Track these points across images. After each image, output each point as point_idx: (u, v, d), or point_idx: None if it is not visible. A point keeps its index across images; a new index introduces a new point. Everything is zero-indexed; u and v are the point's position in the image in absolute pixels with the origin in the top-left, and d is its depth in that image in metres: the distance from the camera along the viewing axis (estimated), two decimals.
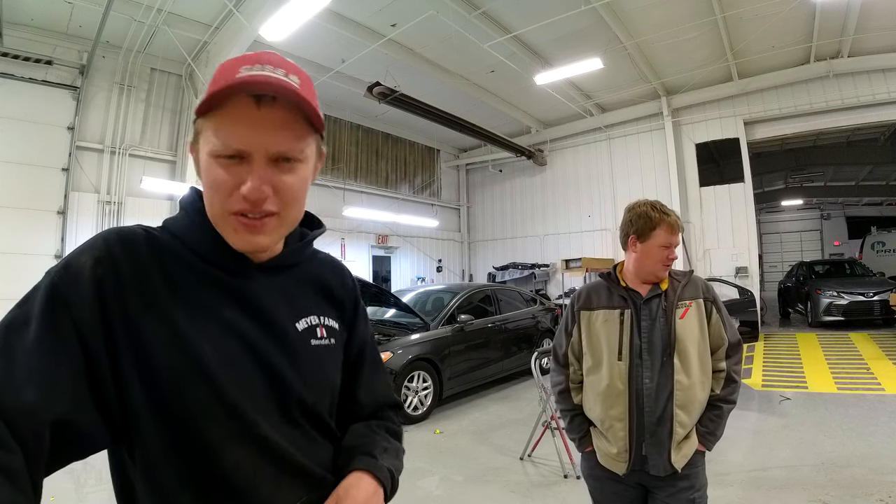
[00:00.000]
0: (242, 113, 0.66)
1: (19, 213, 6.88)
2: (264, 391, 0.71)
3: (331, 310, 0.85)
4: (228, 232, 0.70)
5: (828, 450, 3.83)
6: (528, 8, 7.46)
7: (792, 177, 16.20)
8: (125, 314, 0.63)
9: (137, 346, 0.63)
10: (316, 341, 0.79)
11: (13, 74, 6.96)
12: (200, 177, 0.72)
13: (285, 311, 0.77)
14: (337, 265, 0.95)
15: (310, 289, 0.84)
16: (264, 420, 0.69)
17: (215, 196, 0.68)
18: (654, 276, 1.69)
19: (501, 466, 3.90)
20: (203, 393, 0.65)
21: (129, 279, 0.65)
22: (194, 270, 0.71)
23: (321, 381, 0.79)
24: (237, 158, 0.66)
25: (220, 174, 0.67)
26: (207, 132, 0.68)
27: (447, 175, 14.81)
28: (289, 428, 0.73)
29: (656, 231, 1.64)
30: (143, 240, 0.70)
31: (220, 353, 0.67)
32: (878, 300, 9.04)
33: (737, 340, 1.68)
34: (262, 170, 0.67)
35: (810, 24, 7.98)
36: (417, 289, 7.69)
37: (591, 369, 1.71)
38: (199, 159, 0.72)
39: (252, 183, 0.66)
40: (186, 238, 0.73)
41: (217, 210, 0.69)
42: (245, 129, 0.66)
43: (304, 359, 0.76)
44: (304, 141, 0.71)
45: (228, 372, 0.67)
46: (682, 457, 1.57)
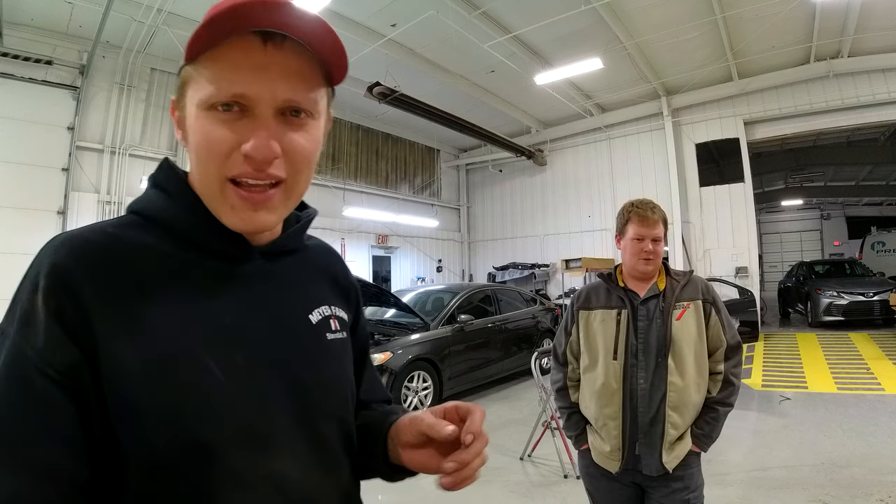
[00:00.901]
0: (245, 53, 0.53)
1: (19, 213, 6.87)
2: (284, 408, 0.58)
3: (338, 299, 0.74)
4: (224, 209, 0.57)
5: (828, 450, 3.83)
6: (528, 8, 7.46)
7: (792, 177, 16.20)
8: (96, 344, 0.49)
9: (119, 378, 0.50)
10: (332, 335, 0.68)
11: (13, 74, 6.96)
12: (185, 141, 0.58)
13: (297, 303, 0.66)
14: (334, 252, 0.82)
15: (318, 275, 0.73)
16: (282, 449, 0.57)
17: (208, 160, 0.55)
18: (637, 272, 1.71)
19: (501, 466, 3.90)
20: (207, 427, 0.52)
21: (94, 300, 0.50)
22: (180, 264, 0.57)
23: (342, 385, 0.68)
24: (236, 110, 0.54)
25: (214, 130, 0.54)
26: (198, 80, 0.55)
27: (447, 175, 14.81)
28: (314, 455, 0.60)
29: (628, 225, 1.70)
30: (103, 245, 0.54)
31: (225, 371, 0.54)
32: (878, 300, 9.04)
33: (736, 342, 1.67)
34: (268, 123, 0.54)
35: (810, 24, 7.98)
36: (417, 289, 7.69)
37: (588, 368, 1.73)
38: (184, 118, 0.58)
39: (257, 139, 0.53)
40: (166, 221, 0.58)
41: (210, 178, 0.56)
42: (248, 72, 0.53)
43: (324, 359, 0.65)
44: (317, 91, 0.58)
45: (236, 394, 0.55)
46: (674, 457, 1.58)
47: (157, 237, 0.57)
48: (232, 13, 0.51)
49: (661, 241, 1.69)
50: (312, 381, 0.62)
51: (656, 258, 1.68)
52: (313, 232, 0.79)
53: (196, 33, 0.52)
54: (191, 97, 0.56)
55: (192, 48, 0.54)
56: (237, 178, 0.55)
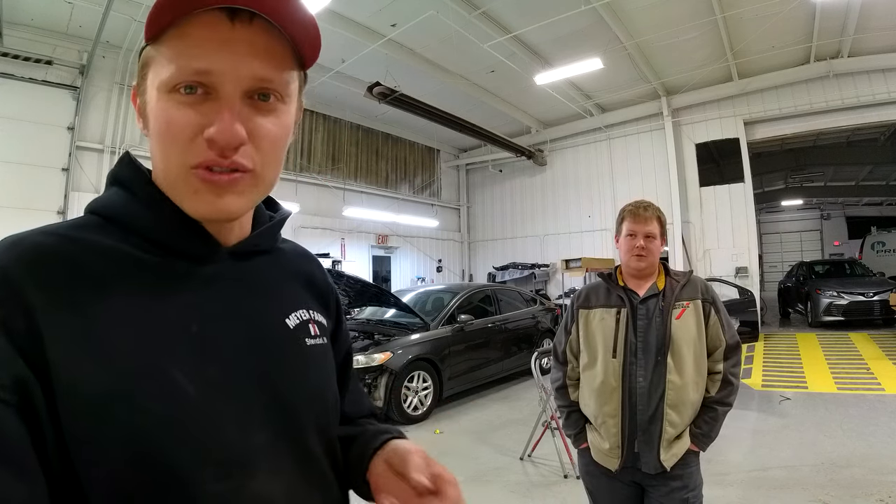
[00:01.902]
0: (210, 30, 0.49)
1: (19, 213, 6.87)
2: (262, 422, 0.54)
3: (316, 304, 0.68)
4: (186, 194, 0.52)
5: (828, 450, 3.83)
6: (528, 8, 7.46)
7: (792, 177, 16.20)
8: (47, 361, 0.44)
9: (75, 398, 0.44)
10: (311, 340, 0.63)
11: (13, 74, 6.96)
12: (147, 129, 0.54)
13: (272, 306, 0.61)
14: (310, 255, 0.76)
15: (293, 277, 0.68)
16: (263, 468, 0.52)
17: (170, 146, 0.50)
18: (631, 269, 1.73)
19: (501, 466, 3.90)
20: (174, 448, 0.46)
21: (44, 311, 0.44)
22: (142, 267, 0.52)
23: (325, 394, 0.63)
24: (200, 93, 0.49)
25: (176, 114, 0.49)
26: (160, 60, 0.50)
27: (447, 175, 14.81)
28: (297, 471, 0.56)
29: (623, 223, 1.74)
30: (55, 248, 0.48)
31: (196, 385, 0.49)
32: (878, 300, 9.04)
33: (735, 342, 1.68)
34: (233, 105, 0.50)
35: (810, 24, 7.98)
36: (417, 289, 7.69)
37: (587, 366, 1.75)
38: (145, 104, 0.53)
39: (221, 122, 0.49)
40: (127, 220, 0.54)
41: (172, 166, 0.51)
42: (213, 48, 0.49)
43: (303, 366, 0.61)
44: (288, 73, 0.54)
45: (209, 411, 0.49)
46: (671, 456, 1.59)
47: (117, 238, 0.52)
48: None
49: (655, 239, 1.70)
50: (293, 391, 0.58)
51: (649, 255, 1.69)
52: (313, 233, 0.76)
53: (157, 7, 0.48)
54: (152, 80, 0.52)
55: (152, 25, 0.49)
56: (200, 165, 0.50)
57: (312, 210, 10.56)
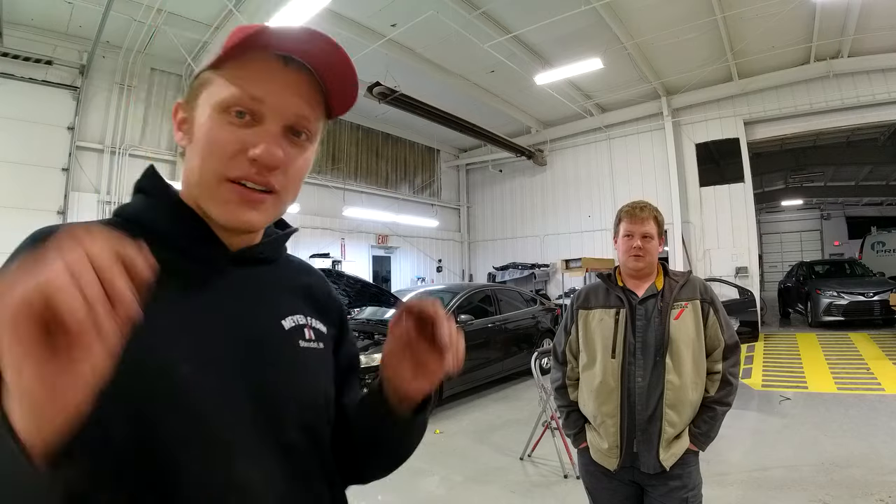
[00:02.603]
0: (268, 69, 0.58)
1: (19, 213, 6.86)
2: (250, 413, 0.58)
3: (315, 313, 0.72)
4: (217, 203, 0.59)
5: (828, 450, 3.83)
6: (528, 8, 7.46)
7: (792, 177, 16.20)
8: None
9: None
10: (305, 343, 0.67)
11: (13, 74, 6.96)
12: (187, 139, 0.60)
13: (268, 308, 0.66)
14: (312, 269, 0.81)
15: (291, 289, 0.73)
16: (247, 455, 0.56)
17: (212, 158, 0.57)
18: (629, 269, 1.74)
19: (501, 466, 3.90)
20: (167, 419, 0.52)
21: None
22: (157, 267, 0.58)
23: (314, 391, 0.66)
24: (248, 119, 0.57)
25: (223, 132, 0.57)
26: (217, 83, 0.58)
27: (447, 175, 14.81)
28: (282, 461, 0.60)
29: (620, 224, 1.75)
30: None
31: (190, 371, 0.54)
32: (878, 300, 9.03)
33: (734, 342, 1.68)
34: (276, 135, 0.58)
35: (810, 24, 7.98)
36: (417, 289, 7.69)
37: (586, 366, 1.76)
38: (191, 119, 0.60)
39: (267, 145, 0.57)
40: (148, 223, 0.61)
41: (209, 176, 0.58)
42: (267, 84, 0.58)
43: (293, 363, 0.64)
44: (320, 119, 0.63)
45: (200, 397, 0.54)
46: (671, 455, 1.59)
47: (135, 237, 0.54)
48: (264, 36, 0.56)
49: (652, 239, 1.70)
50: (280, 386, 0.61)
51: (647, 255, 1.69)
52: (313, 233, 0.79)
53: (232, 42, 0.56)
54: (206, 98, 0.59)
55: (222, 55, 0.57)
56: (237, 179, 0.58)
57: (312, 210, 10.56)
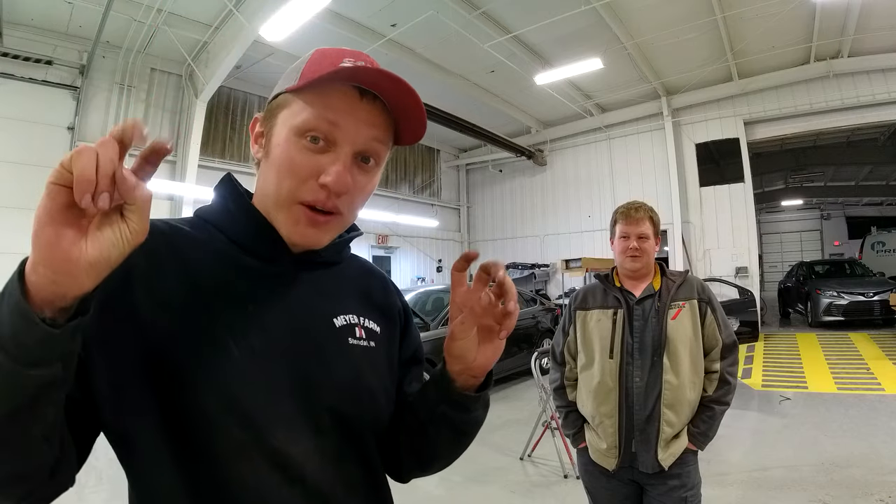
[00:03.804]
0: (345, 97, 0.61)
1: (19, 213, 6.86)
2: (289, 393, 0.62)
3: (372, 314, 0.76)
4: (287, 222, 0.64)
5: (828, 450, 3.83)
6: (528, 8, 7.46)
7: (792, 177, 16.20)
8: (132, 312, 0.57)
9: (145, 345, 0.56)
10: (354, 340, 0.70)
11: (13, 74, 6.96)
12: (264, 155, 0.65)
13: (323, 307, 0.70)
14: (379, 275, 0.86)
15: (350, 290, 0.76)
16: (282, 429, 0.61)
17: (287, 179, 0.62)
18: (626, 270, 1.74)
19: (501, 466, 3.90)
20: (215, 395, 0.57)
21: (141, 275, 0.58)
22: (223, 260, 0.65)
23: (355, 385, 0.69)
24: (322, 144, 0.61)
25: (300, 156, 0.61)
26: (296, 106, 0.62)
27: (447, 175, 14.81)
28: (314, 441, 0.63)
29: (616, 225, 1.76)
30: (159, 232, 0.62)
31: (241, 350, 0.60)
32: (878, 300, 9.04)
33: (732, 342, 1.69)
34: (347, 162, 0.62)
35: (810, 24, 7.98)
36: (417, 289, 7.69)
37: (585, 366, 1.76)
38: (269, 136, 0.65)
39: (338, 173, 0.61)
40: (221, 223, 0.68)
41: (283, 195, 0.62)
42: (343, 112, 0.61)
43: (337, 357, 0.68)
44: (388, 146, 0.67)
45: (247, 372, 0.60)
46: (669, 455, 1.60)
47: (208, 234, 0.67)
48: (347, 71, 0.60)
49: (648, 239, 1.70)
50: (323, 378, 0.65)
51: (644, 255, 1.69)
52: None
53: (314, 72, 0.62)
54: (285, 118, 0.63)
55: (304, 80, 0.62)
56: (307, 203, 0.62)
57: None
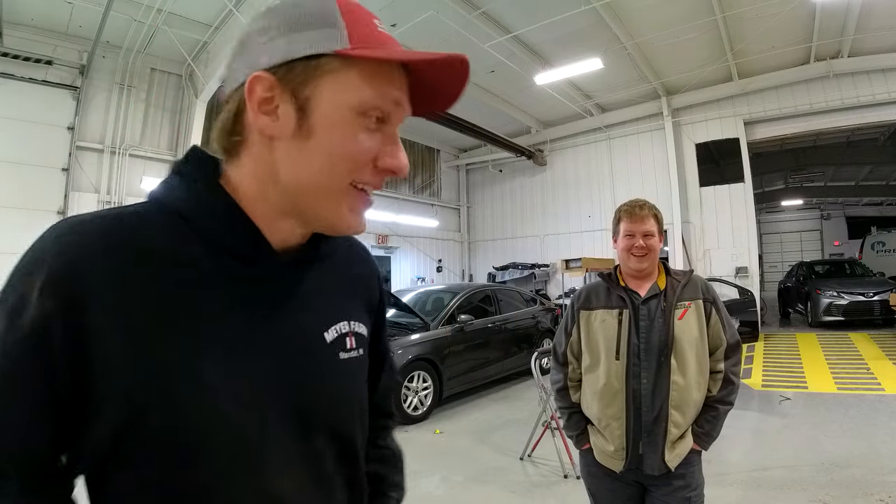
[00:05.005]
0: (399, 75, 0.56)
1: (19, 213, 6.86)
2: (285, 431, 0.57)
3: (360, 312, 0.71)
4: (341, 209, 0.56)
5: (828, 450, 3.83)
6: (528, 8, 7.46)
7: (792, 177, 16.20)
8: (101, 345, 0.48)
9: (117, 380, 0.48)
10: (345, 354, 0.65)
11: (13, 74, 6.95)
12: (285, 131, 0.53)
13: (312, 319, 0.63)
14: (367, 256, 0.79)
15: (339, 286, 0.69)
16: (283, 474, 0.56)
17: (345, 164, 0.54)
18: (631, 269, 1.71)
19: (501, 466, 3.90)
20: (199, 440, 0.52)
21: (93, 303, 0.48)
22: (196, 265, 0.54)
23: (349, 402, 0.66)
24: (375, 125, 0.55)
25: (366, 139, 0.54)
26: (352, 75, 0.52)
27: (447, 175, 14.80)
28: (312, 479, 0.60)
29: (620, 223, 1.73)
30: (116, 239, 0.51)
31: (228, 385, 0.53)
32: (878, 300, 9.04)
33: (735, 341, 1.68)
34: (398, 139, 0.58)
35: (810, 24, 7.98)
36: (417, 289, 7.69)
37: (589, 368, 1.73)
38: (306, 108, 0.53)
39: (403, 158, 0.57)
40: (192, 215, 0.55)
41: (336, 179, 0.54)
42: (399, 89, 0.56)
43: (334, 380, 0.64)
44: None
45: (238, 411, 0.53)
46: (675, 456, 1.59)
47: (180, 229, 0.55)
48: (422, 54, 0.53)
49: (653, 237, 1.68)
50: (317, 404, 0.61)
51: (650, 253, 1.67)
52: None
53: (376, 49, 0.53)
54: (336, 91, 0.53)
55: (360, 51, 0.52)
56: (360, 184, 0.56)
57: None
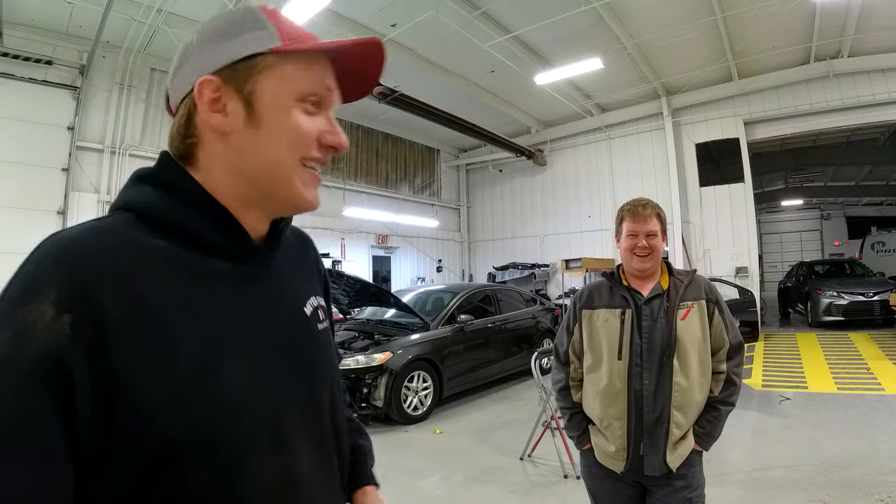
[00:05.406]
0: (328, 64, 0.64)
1: (19, 213, 6.87)
2: (298, 408, 0.64)
3: (317, 288, 0.78)
4: (295, 186, 0.63)
5: (828, 450, 3.83)
6: (528, 8, 7.46)
7: (792, 177, 16.20)
8: (116, 370, 0.48)
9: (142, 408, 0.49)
10: (320, 325, 0.72)
11: (13, 74, 6.95)
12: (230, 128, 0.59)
13: (294, 297, 0.70)
14: (308, 239, 0.85)
15: (298, 267, 0.77)
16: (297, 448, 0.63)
17: (293, 144, 0.61)
18: (634, 269, 1.70)
19: (501, 466, 3.90)
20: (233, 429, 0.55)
21: (112, 315, 0.49)
22: (186, 266, 0.57)
23: (333, 368, 0.74)
24: (313, 108, 0.63)
25: (306, 120, 0.61)
26: (289, 69, 0.60)
27: (447, 175, 14.80)
28: (317, 451, 0.66)
29: (623, 223, 1.72)
30: (111, 247, 0.52)
31: (247, 373, 0.58)
32: (878, 300, 9.03)
33: (738, 342, 1.67)
34: (334, 118, 0.65)
35: (810, 24, 7.98)
36: (417, 289, 7.69)
37: (591, 368, 1.72)
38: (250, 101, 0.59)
39: (341, 134, 0.64)
40: (170, 218, 0.58)
41: (286, 159, 0.61)
42: (329, 76, 0.64)
43: (319, 351, 0.70)
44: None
45: (262, 395, 0.59)
46: (677, 457, 1.58)
47: (158, 237, 0.56)
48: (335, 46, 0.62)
49: (656, 237, 1.67)
50: (315, 377, 0.67)
51: (653, 253, 1.66)
52: (312, 232, 0.82)
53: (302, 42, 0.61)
54: (278, 82, 0.60)
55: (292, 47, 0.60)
56: (309, 161, 0.63)
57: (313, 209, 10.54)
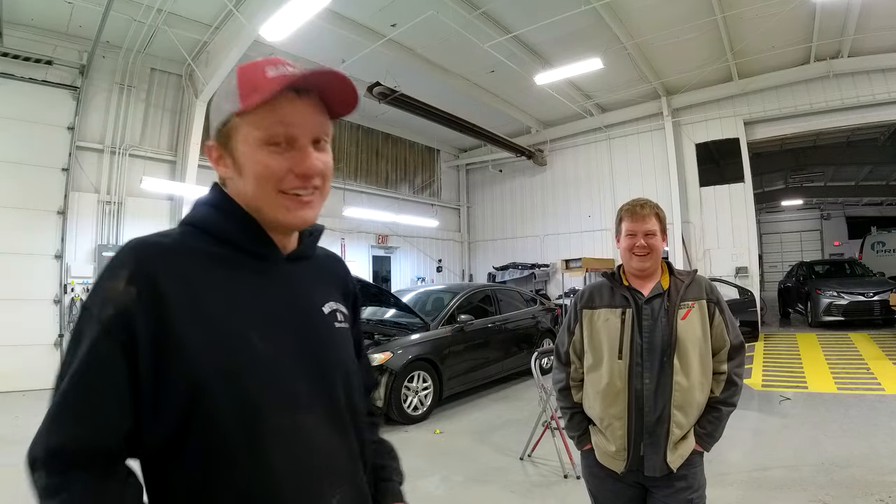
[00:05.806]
0: (289, 105, 0.73)
1: (19, 213, 6.86)
2: (310, 377, 0.76)
3: (342, 299, 0.93)
4: (279, 211, 0.75)
5: (828, 450, 3.84)
6: (528, 8, 7.46)
7: (792, 177, 16.20)
8: (167, 327, 0.66)
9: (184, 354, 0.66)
10: (338, 324, 0.87)
11: (13, 74, 6.95)
12: (235, 171, 0.76)
13: (313, 296, 0.85)
14: (341, 261, 1.03)
15: (325, 279, 0.92)
16: (311, 409, 0.75)
17: (268, 181, 0.74)
18: (633, 269, 1.70)
19: (501, 466, 3.90)
20: (257, 388, 0.70)
21: (166, 290, 0.67)
22: (227, 263, 0.75)
23: (348, 360, 0.86)
24: (284, 145, 0.73)
25: (272, 160, 0.73)
26: (247, 128, 0.73)
27: (447, 175, 14.80)
28: (328, 415, 0.77)
29: (622, 223, 1.72)
30: (171, 246, 0.73)
31: (268, 344, 0.72)
32: (878, 300, 9.03)
33: (739, 342, 1.67)
34: (309, 150, 0.75)
35: (810, 24, 7.98)
36: (417, 289, 7.69)
37: (592, 367, 1.72)
38: (234, 156, 0.76)
39: (309, 160, 0.75)
40: (217, 229, 0.77)
41: (267, 193, 0.74)
42: (292, 116, 0.73)
43: (334, 339, 0.84)
44: (329, 124, 0.80)
45: (279, 362, 0.73)
46: (677, 457, 1.58)
47: (210, 243, 0.76)
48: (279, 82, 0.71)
49: (655, 236, 1.67)
50: (327, 358, 0.81)
51: (652, 253, 1.66)
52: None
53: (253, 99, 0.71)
54: (243, 139, 0.74)
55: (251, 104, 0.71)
56: (287, 190, 0.75)
57: None
